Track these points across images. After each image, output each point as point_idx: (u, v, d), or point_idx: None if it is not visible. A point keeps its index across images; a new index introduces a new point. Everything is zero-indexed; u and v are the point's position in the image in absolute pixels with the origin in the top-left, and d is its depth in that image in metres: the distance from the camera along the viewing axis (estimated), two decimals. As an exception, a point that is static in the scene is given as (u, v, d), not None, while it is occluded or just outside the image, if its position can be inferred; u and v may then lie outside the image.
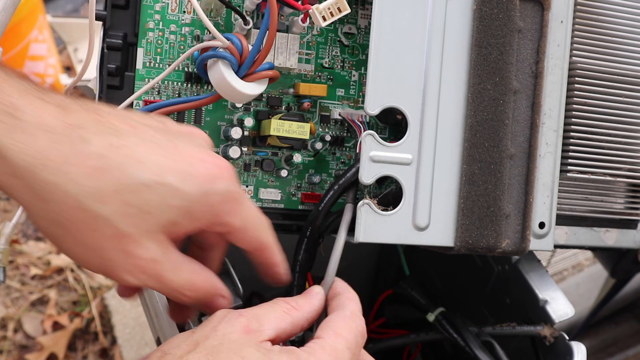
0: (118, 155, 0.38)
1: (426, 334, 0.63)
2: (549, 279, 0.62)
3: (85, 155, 0.37)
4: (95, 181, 0.37)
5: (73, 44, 2.00)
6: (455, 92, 0.52)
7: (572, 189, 0.58)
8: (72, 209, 0.38)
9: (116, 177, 0.38)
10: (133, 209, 0.38)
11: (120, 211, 0.38)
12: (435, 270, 0.77)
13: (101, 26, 0.52)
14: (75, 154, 0.37)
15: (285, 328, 0.43)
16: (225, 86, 0.49)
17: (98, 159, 0.38)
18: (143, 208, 0.39)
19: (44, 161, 0.37)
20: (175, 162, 0.40)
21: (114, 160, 0.38)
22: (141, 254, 0.39)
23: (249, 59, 0.49)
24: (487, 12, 0.52)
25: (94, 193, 0.37)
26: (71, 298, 1.48)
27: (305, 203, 0.57)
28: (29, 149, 0.36)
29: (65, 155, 0.37)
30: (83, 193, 0.37)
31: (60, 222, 0.38)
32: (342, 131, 0.58)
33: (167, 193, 0.39)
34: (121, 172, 0.38)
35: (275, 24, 0.48)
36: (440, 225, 0.52)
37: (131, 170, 0.38)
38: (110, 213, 0.38)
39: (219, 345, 0.40)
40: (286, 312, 0.44)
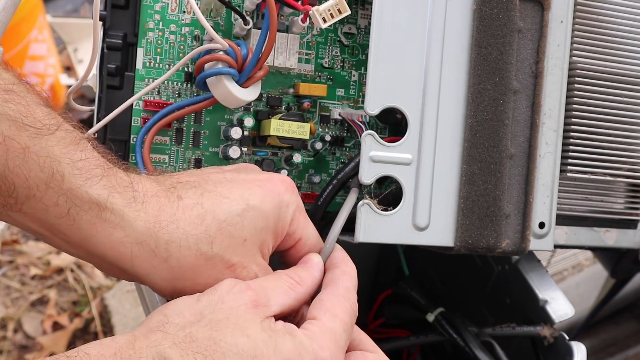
0: (209, 199, 0.43)
1: (426, 336, 0.63)
2: (549, 279, 0.62)
3: (186, 208, 0.42)
4: (200, 227, 0.42)
5: (73, 44, 2.00)
6: (455, 92, 0.52)
7: (572, 189, 0.58)
8: (189, 257, 0.42)
9: (215, 217, 0.43)
10: (234, 239, 0.43)
11: (225, 244, 0.43)
12: (435, 270, 0.77)
13: (101, 26, 0.52)
14: (179, 210, 0.42)
15: (290, 304, 0.44)
16: (230, 98, 0.50)
17: (196, 207, 0.42)
18: (241, 236, 0.43)
19: (158, 223, 0.41)
20: (249, 189, 0.45)
21: (208, 204, 0.43)
22: (248, 275, 0.44)
23: (250, 65, 0.49)
24: (487, 12, 0.52)
25: (204, 237, 0.42)
26: (71, 298, 1.48)
27: (306, 203, 0.57)
28: (147, 216, 0.41)
29: (172, 214, 0.42)
30: (195, 240, 0.42)
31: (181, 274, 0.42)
32: (342, 131, 0.58)
33: (254, 217, 0.44)
34: (216, 212, 0.43)
35: (275, 28, 0.48)
36: (440, 225, 0.52)
37: (223, 207, 0.43)
38: (220, 249, 0.43)
39: (224, 320, 0.40)
40: (291, 287, 0.45)
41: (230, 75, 0.49)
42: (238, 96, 0.50)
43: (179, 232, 0.42)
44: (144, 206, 0.41)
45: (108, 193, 0.40)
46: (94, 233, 0.40)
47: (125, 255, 0.41)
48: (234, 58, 0.49)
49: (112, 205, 0.40)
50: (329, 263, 0.49)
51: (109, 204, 0.40)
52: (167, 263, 0.42)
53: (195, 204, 0.43)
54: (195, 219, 0.42)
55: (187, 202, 0.43)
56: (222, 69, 0.49)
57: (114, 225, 0.40)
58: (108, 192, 0.40)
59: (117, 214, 0.40)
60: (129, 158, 0.52)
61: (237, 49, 0.49)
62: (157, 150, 0.53)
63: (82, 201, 0.39)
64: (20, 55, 1.65)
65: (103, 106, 0.51)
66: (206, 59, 0.50)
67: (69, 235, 0.40)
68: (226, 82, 0.49)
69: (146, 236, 0.41)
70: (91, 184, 0.40)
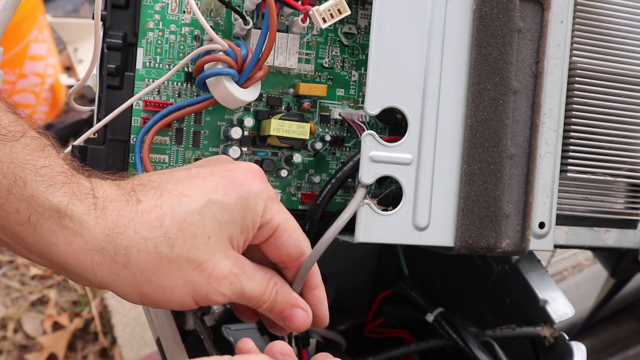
0: (168, 200, 0.42)
1: (427, 342, 0.62)
2: (549, 279, 0.62)
3: (145, 212, 0.42)
4: (159, 230, 0.42)
5: (73, 44, 2.00)
6: (455, 92, 0.52)
7: (572, 189, 0.58)
8: (150, 261, 0.42)
9: (174, 218, 0.42)
10: (197, 238, 0.43)
11: (188, 245, 0.42)
12: (435, 270, 0.77)
13: (101, 26, 0.52)
14: (137, 214, 0.42)
15: None
16: (229, 98, 0.50)
17: (154, 210, 0.42)
18: (204, 234, 0.43)
19: (116, 229, 0.41)
20: (212, 182, 0.44)
21: (166, 206, 0.42)
22: (221, 273, 0.44)
23: (250, 66, 0.49)
24: (487, 12, 0.52)
25: (163, 240, 0.42)
26: (71, 298, 1.48)
27: (306, 203, 0.57)
28: (106, 222, 0.41)
29: (131, 219, 0.41)
30: (153, 244, 0.41)
31: (145, 278, 0.42)
32: (342, 131, 0.58)
33: (217, 211, 0.43)
34: (175, 212, 0.42)
35: (274, 28, 0.48)
36: (440, 225, 0.52)
37: (182, 206, 0.43)
38: (183, 250, 0.42)
39: None
40: None
41: (230, 76, 0.49)
42: (238, 96, 0.50)
43: (137, 237, 0.41)
44: (103, 212, 0.41)
45: (69, 200, 0.40)
46: (54, 241, 0.40)
47: (86, 264, 0.41)
48: (233, 58, 0.49)
49: (72, 212, 0.40)
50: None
51: (69, 211, 0.40)
52: (128, 269, 0.41)
53: (153, 206, 0.42)
54: (154, 222, 0.42)
55: (145, 206, 0.42)
56: (221, 69, 0.49)
57: (73, 232, 0.40)
58: (69, 199, 0.40)
59: (76, 221, 0.40)
60: (128, 158, 0.52)
61: (236, 49, 0.49)
62: (157, 150, 0.53)
63: (43, 208, 0.39)
64: (20, 55, 1.65)
65: (103, 106, 0.51)
66: (206, 60, 0.50)
67: (31, 244, 0.40)
68: (226, 83, 0.49)
69: (105, 243, 0.41)
70: (52, 191, 0.39)
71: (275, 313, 0.47)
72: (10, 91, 1.68)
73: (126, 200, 0.42)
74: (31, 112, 1.76)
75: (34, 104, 1.76)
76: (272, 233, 0.47)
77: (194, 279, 0.43)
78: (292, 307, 0.48)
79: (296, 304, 0.48)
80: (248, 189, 0.45)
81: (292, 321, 0.48)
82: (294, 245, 0.47)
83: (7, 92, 1.74)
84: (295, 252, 0.48)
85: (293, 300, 0.48)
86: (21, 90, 1.71)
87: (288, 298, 0.48)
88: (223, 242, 0.44)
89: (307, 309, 0.48)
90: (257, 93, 0.51)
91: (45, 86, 1.77)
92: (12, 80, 1.66)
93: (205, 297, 0.44)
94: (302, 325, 0.48)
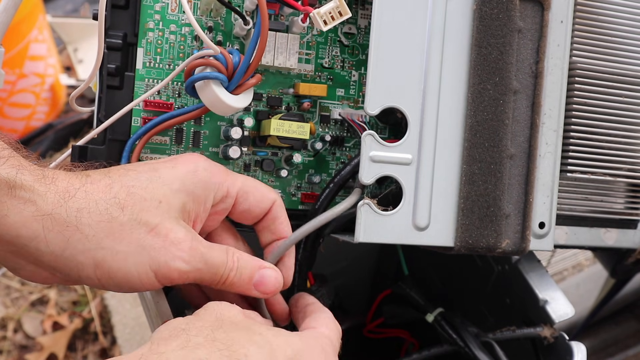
0: (116, 173, 0.44)
1: (428, 350, 0.62)
2: (549, 279, 0.62)
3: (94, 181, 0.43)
4: (109, 193, 0.42)
5: (73, 44, 2.00)
6: (455, 92, 0.52)
7: (572, 189, 0.58)
8: (102, 222, 0.41)
9: (123, 184, 0.43)
10: (147, 202, 0.43)
11: (138, 208, 0.42)
12: (435, 270, 0.77)
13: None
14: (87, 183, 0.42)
15: None
16: (218, 104, 0.49)
17: (104, 179, 0.43)
18: (155, 198, 0.43)
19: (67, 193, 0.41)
20: (158, 162, 0.46)
21: (115, 176, 0.43)
22: (176, 237, 0.43)
23: (240, 71, 0.49)
24: (487, 12, 0.52)
25: (113, 202, 0.42)
26: (71, 298, 1.48)
27: (306, 203, 0.57)
28: (57, 188, 0.41)
29: (81, 185, 0.42)
30: (105, 205, 0.42)
31: (97, 242, 0.41)
32: (342, 131, 0.58)
33: (166, 178, 0.44)
34: (123, 180, 0.43)
35: (265, 34, 0.48)
36: (440, 225, 0.52)
37: (131, 176, 0.44)
38: (133, 213, 0.42)
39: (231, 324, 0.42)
40: None
41: (218, 81, 0.49)
42: (226, 102, 0.49)
43: (88, 198, 0.41)
44: (54, 182, 0.41)
45: (17, 171, 0.40)
46: (5, 212, 0.39)
47: (38, 231, 0.40)
48: (224, 64, 0.49)
49: (22, 181, 0.40)
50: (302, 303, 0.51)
51: (18, 180, 0.40)
52: (80, 232, 0.41)
53: (102, 177, 0.43)
54: (104, 188, 0.42)
55: (94, 177, 0.43)
56: (209, 73, 0.48)
57: (24, 201, 0.40)
58: (16, 170, 0.40)
59: (27, 189, 0.40)
60: (129, 158, 0.52)
61: (227, 55, 0.49)
62: (157, 150, 0.53)
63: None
64: (20, 55, 1.65)
65: (103, 106, 0.51)
66: (196, 63, 0.49)
67: None
68: (214, 87, 0.48)
69: (57, 207, 0.40)
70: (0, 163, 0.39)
71: (244, 282, 0.47)
72: (10, 91, 1.68)
73: (75, 175, 0.43)
74: (31, 112, 1.76)
75: (34, 104, 1.76)
76: (236, 201, 0.48)
77: (149, 243, 0.42)
78: (259, 268, 0.47)
79: (263, 266, 0.48)
80: (195, 164, 0.46)
81: (264, 284, 0.47)
82: (261, 199, 0.49)
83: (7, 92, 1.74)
84: (267, 205, 0.49)
85: (258, 262, 0.48)
86: (21, 90, 1.71)
87: (252, 262, 0.47)
88: (175, 209, 0.44)
89: (276, 269, 0.48)
90: (248, 101, 0.50)
91: (45, 86, 1.77)
92: (12, 80, 1.66)
93: (165, 266, 0.43)
94: (275, 286, 0.47)
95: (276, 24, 0.53)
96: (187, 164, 0.46)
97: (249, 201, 0.48)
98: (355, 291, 0.83)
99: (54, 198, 0.41)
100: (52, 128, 1.77)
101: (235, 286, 0.47)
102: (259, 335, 0.41)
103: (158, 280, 0.43)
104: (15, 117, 1.74)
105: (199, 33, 0.47)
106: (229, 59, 0.49)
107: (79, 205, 0.41)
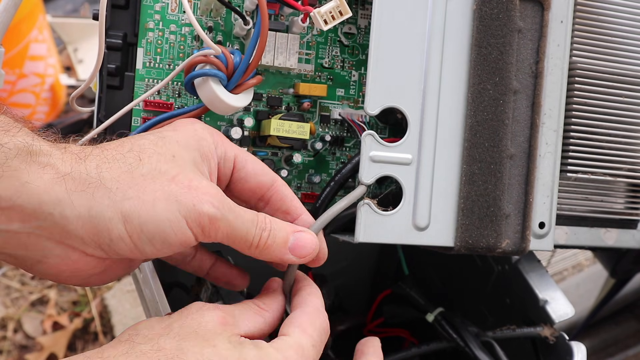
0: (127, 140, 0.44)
1: (427, 345, 0.62)
2: (549, 279, 0.62)
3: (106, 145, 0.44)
4: (124, 148, 0.43)
5: (73, 44, 2.00)
6: (455, 92, 0.52)
7: (572, 189, 0.58)
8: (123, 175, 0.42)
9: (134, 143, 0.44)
10: (161, 155, 0.43)
11: (155, 159, 0.42)
12: (435, 270, 0.77)
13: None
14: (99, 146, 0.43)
15: (259, 327, 0.45)
16: (216, 102, 0.49)
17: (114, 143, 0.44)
18: (168, 152, 0.43)
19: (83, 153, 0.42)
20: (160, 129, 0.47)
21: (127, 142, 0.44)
22: (200, 184, 0.42)
23: (240, 70, 0.49)
24: (487, 12, 0.52)
25: (130, 155, 0.42)
26: (71, 298, 1.48)
27: (306, 203, 0.57)
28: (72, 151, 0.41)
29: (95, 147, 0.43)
30: (122, 158, 0.42)
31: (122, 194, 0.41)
32: (342, 131, 0.58)
33: (173, 137, 0.44)
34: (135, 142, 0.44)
35: (265, 34, 0.48)
36: (440, 225, 0.52)
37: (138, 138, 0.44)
38: (151, 164, 0.42)
39: (192, 333, 0.41)
40: (257, 312, 0.45)
41: (217, 79, 0.49)
42: (224, 100, 0.49)
43: (106, 154, 0.42)
44: (67, 148, 0.41)
45: (32, 138, 0.40)
46: (25, 179, 0.39)
47: (62, 195, 0.39)
48: (224, 63, 0.49)
49: (39, 147, 0.40)
50: (295, 288, 0.49)
51: (35, 147, 0.39)
52: (104, 186, 0.40)
53: (111, 141, 0.44)
54: (116, 146, 0.43)
55: (104, 143, 0.44)
56: (208, 70, 0.48)
57: (44, 165, 0.39)
58: (31, 138, 0.40)
59: (45, 154, 0.40)
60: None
61: (228, 54, 0.49)
62: (157, 150, 0.53)
63: (7, 148, 0.38)
64: (20, 55, 1.65)
65: (103, 106, 0.51)
66: (197, 60, 0.49)
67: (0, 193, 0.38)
68: (213, 85, 0.48)
69: (75, 167, 0.40)
70: (14, 134, 0.39)
71: (279, 245, 0.45)
72: (10, 91, 1.68)
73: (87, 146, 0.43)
74: (31, 112, 1.76)
75: (34, 104, 1.76)
76: (234, 166, 0.47)
77: (174, 190, 0.41)
78: (294, 231, 0.46)
79: (297, 229, 0.46)
80: (193, 124, 0.46)
81: (301, 246, 0.45)
82: (261, 172, 0.48)
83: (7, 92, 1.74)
84: (267, 179, 0.48)
85: (292, 226, 0.46)
86: (21, 90, 1.71)
87: (285, 225, 0.46)
88: (189, 162, 0.44)
89: (311, 232, 0.46)
90: (247, 101, 0.50)
91: (45, 86, 1.77)
92: (12, 80, 1.66)
93: (194, 211, 0.41)
94: (312, 248, 0.46)
95: (276, 24, 0.53)
96: (186, 125, 0.46)
97: (247, 169, 0.47)
98: (355, 291, 0.83)
99: (71, 159, 0.40)
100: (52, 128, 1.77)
101: (270, 250, 0.45)
102: (211, 347, 0.40)
103: (190, 228, 0.42)
104: (15, 117, 1.74)
105: (200, 33, 0.47)
106: (229, 58, 0.49)
107: (98, 162, 0.41)
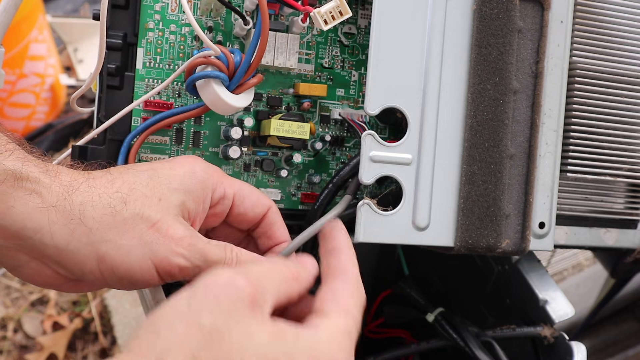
0: (117, 170, 0.45)
1: (427, 342, 0.62)
2: (549, 279, 0.62)
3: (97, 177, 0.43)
4: (112, 188, 0.43)
5: (73, 44, 2.00)
6: (455, 92, 0.52)
7: (572, 189, 0.58)
8: (105, 216, 0.42)
9: (124, 180, 0.44)
10: (148, 198, 0.43)
11: (140, 203, 0.43)
12: (435, 270, 0.77)
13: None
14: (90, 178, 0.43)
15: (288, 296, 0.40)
16: (219, 103, 0.49)
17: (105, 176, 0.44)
18: (155, 195, 0.44)
19: (71, 186, 0.42)
20: (156, 162, 0.47)
21: (116, 173, 0.44)
22: (176, 232, 0.43)
23: (241, 71, 0.49)
24: (487, 12, 0.52)
25: (116, 196, 0.43)
26: (71, 298, 1.48)
27: (306, 203, 0.57)
28: (61, 182, 0.42)
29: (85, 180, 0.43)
30: (108, 199, 0.42)
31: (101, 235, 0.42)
32: (342, 131, 0.58)
33: (165, 177, 0.45)
34: (124, 177, 0.44)
35: (266, 35, 0.48)
36: (440, 225, 0.52)
37: (131, 173, 0.44)
38: (135, 208, 0.43)
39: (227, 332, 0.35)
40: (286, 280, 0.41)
41: (219, 80, 0.49)
42: (227, 101, 0.49)
43: (92, 192, 0.42)
44: (58, 175, 0.42)
45: (22, 163, 0.41)
46: (11, 203, 0.40)
47: (43, 223, 0.41)
48: (225, 63, 0.49)
49: (28, 173, 0.41)
50: (330, 245, 0.45)
51: (24, 172, 0.40)
52: (84, 225, 0.41)
53: (104, 173, 0.44)
54: (106, 183, 0.43)
55: (96, 174, 0.44)
56: (210, 72, 0.48)
57: (30, 192, 0.40)
58: (22, 162, 0.41)
59: (32, 180, 0.41)
60: (129, 158, 0.52)
61: (229, 54, 0.49)
62: (157, 150, 0.53)
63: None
64: (20, 55, 1.65)
65: (103, 106, 0.51)
66: (197, 62, 0.49)
67: None
68: (214, 86, 0.48)
69: (61, 199, 0.41)
70: (4, 157, 0.40)
71: None
72: (10, 91, 1.68)
73: (79, 173, 0.43)
74: (31, 112, 1.76)
75: (34, 104, 1.76)
76: (233, 203, 0.48)
77: (151, 239, 0.43)
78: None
79: (261, 259, 0.48)
80: (192, 165, 0.47)
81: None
82: (257, 203, 0.49)
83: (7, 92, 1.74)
84: (262, 209, 0.49)
85: (258, 257, 0.47)
86: (21, 90, 1.71)
87: (251, 257, 0.47)
88: (174, 207, 0.44)
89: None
90: (248, 100, 0.50)
91: (45, 86, 1.77)
92: (12, 80, 1.66)
93: (166, 261, 0.43)
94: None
95: (276, 24, 0.53)
96: (184, 165, 0.47)
97: (245, 204, 0.49)
98: (355, 291, 0.83)
99: (59, 190, 0.41)
100: (52, 128, 1.77)
101: None
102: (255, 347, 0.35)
103: (159, 275, 0.43)
104: (15, 117, 1.74)
105: (199, 33, 0.47)
106: (230, 58, 0.49)
107: (83, 199, 0.42)
